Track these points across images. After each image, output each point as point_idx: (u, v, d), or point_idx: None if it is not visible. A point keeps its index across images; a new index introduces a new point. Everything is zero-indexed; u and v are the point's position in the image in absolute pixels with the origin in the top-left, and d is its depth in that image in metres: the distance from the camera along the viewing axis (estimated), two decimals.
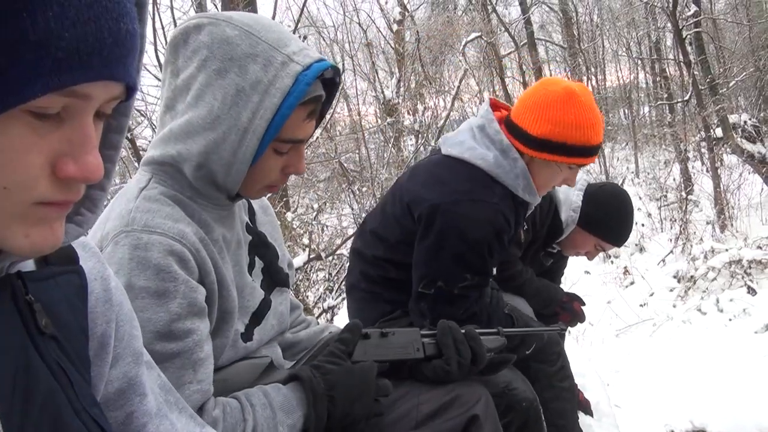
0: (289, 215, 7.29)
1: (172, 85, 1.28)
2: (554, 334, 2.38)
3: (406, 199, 2.05)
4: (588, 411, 2.90)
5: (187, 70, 1.25)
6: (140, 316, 1.12)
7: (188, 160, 1.25)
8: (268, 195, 1.48)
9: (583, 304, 2.91)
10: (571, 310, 2.85)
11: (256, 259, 1.44)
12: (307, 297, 6.01)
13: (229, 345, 1.32)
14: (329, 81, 1.29)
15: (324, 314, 5.99)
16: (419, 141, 9.98)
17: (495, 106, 2.18)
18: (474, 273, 1.94)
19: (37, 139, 0.57)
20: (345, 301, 2.52)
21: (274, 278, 1.47)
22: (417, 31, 12.83)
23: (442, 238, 1.92)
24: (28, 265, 0.75)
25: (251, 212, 1.49)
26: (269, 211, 1.59)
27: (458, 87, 10.93)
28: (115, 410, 0.85)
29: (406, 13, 13.48)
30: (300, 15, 6.07)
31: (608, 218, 2.73)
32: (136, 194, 1.25)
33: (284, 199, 8.61)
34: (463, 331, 1.62)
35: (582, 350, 3.90)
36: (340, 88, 1.29)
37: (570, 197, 2.69)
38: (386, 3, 13.35)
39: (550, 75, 21.01)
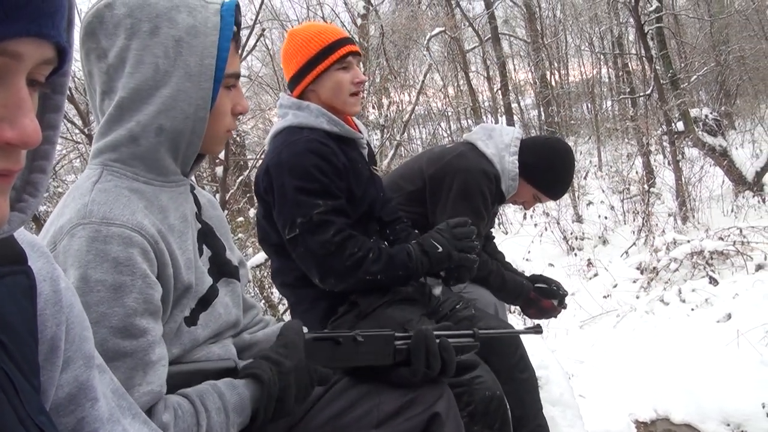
0: (252, 211, 7.23)
1: (104, 67, 1.25)
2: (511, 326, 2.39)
3: (256, 189, 2.24)
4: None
5: (116, 45, 1.23)
6: (95, 311, 1.10)
7: (146, 127, 1.24)
8: (216, 196, 1.46)
9: (563, 295, 2.90)
10: (538, 306, 2.85)
11: (204, 247, 1.41)
12: (272, 293, 5.95)
13: (174, 332, 1.28)
14: None
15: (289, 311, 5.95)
16: (384, 135, 9.96)
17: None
18: (322, 197, 2.04)
19: None
20: None
21: (221, 269, 1.44)
22: (381, 26, 12.81)
23: (280, 184, 2.06)
24: None
25: (198, 205, 1.46)
26: (216, 205, 1.57)
27: (423, 81, 10.91)
28: (66, 416, 0.82)
29: (371, 8, 13.45)
30: (260, 8, 5.95)
31: (549, 172, 2.76)
32: (90, 188, 1.21)
33: (248, 194, 8.55)
34: (438, 339, 1.57)
35: (545, 342, 3.92)
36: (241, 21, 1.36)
37: (506, 167, 2.73)
38: None
39: (514, 69, 21.18)
